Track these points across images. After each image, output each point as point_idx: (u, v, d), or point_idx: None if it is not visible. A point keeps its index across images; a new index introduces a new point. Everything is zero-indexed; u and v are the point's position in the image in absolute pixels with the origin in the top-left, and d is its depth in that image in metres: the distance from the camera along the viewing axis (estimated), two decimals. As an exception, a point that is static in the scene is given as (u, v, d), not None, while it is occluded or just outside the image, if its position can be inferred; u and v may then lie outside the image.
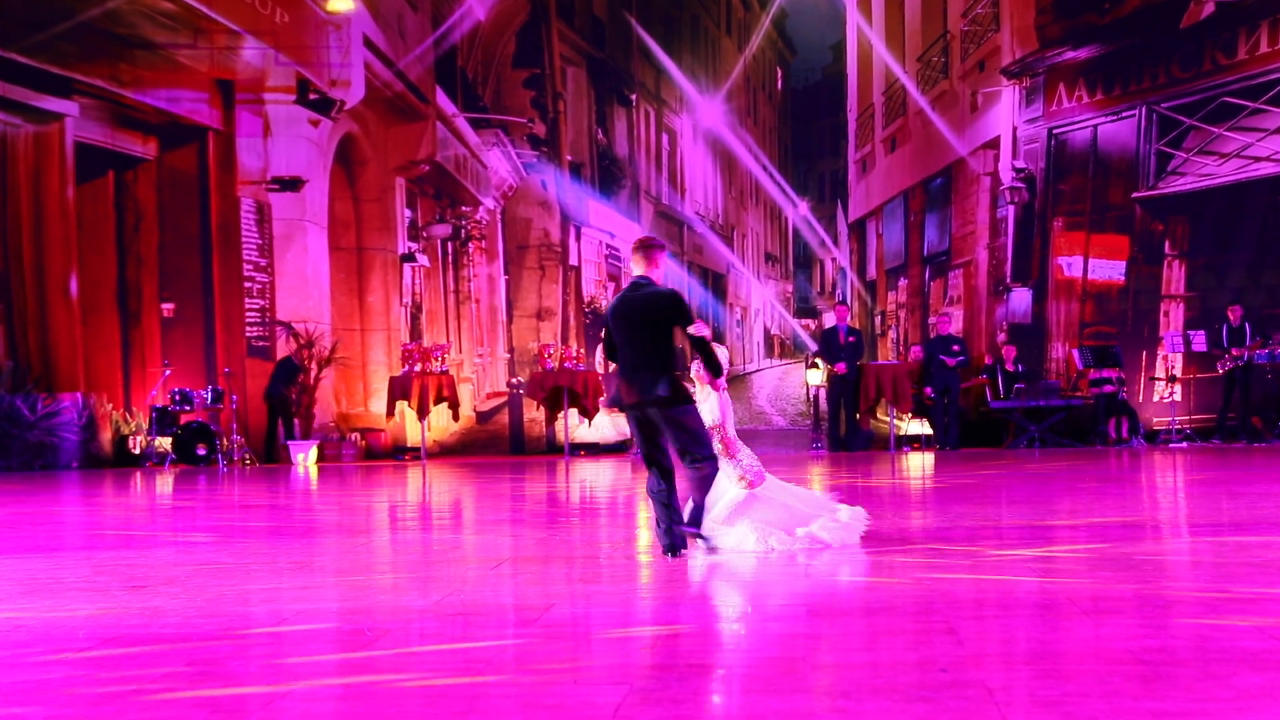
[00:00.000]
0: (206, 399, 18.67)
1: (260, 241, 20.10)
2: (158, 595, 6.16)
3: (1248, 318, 19.10)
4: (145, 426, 19.11)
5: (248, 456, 18.82)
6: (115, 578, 6.80)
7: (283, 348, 19.94)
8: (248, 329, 20.04)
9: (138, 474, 17.33)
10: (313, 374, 19.91)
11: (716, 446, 7.53)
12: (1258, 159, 20.01)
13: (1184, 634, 4.80)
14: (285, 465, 18.86)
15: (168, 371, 19.11)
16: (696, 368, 7.68)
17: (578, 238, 22.51)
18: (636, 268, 7.50)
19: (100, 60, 19.29)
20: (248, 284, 20.00)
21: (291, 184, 20.04)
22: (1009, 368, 19.72)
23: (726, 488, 7.66)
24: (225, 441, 18.54)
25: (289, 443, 19.40)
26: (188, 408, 18.59)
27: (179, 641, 5.01)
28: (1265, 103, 19.78)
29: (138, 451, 19.00)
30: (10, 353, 19.23)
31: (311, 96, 20.05)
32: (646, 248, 7.50)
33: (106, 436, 19.34)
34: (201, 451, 18.44)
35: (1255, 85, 19.85)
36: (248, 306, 20.00)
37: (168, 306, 20.00)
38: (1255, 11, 19.93)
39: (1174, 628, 4.94)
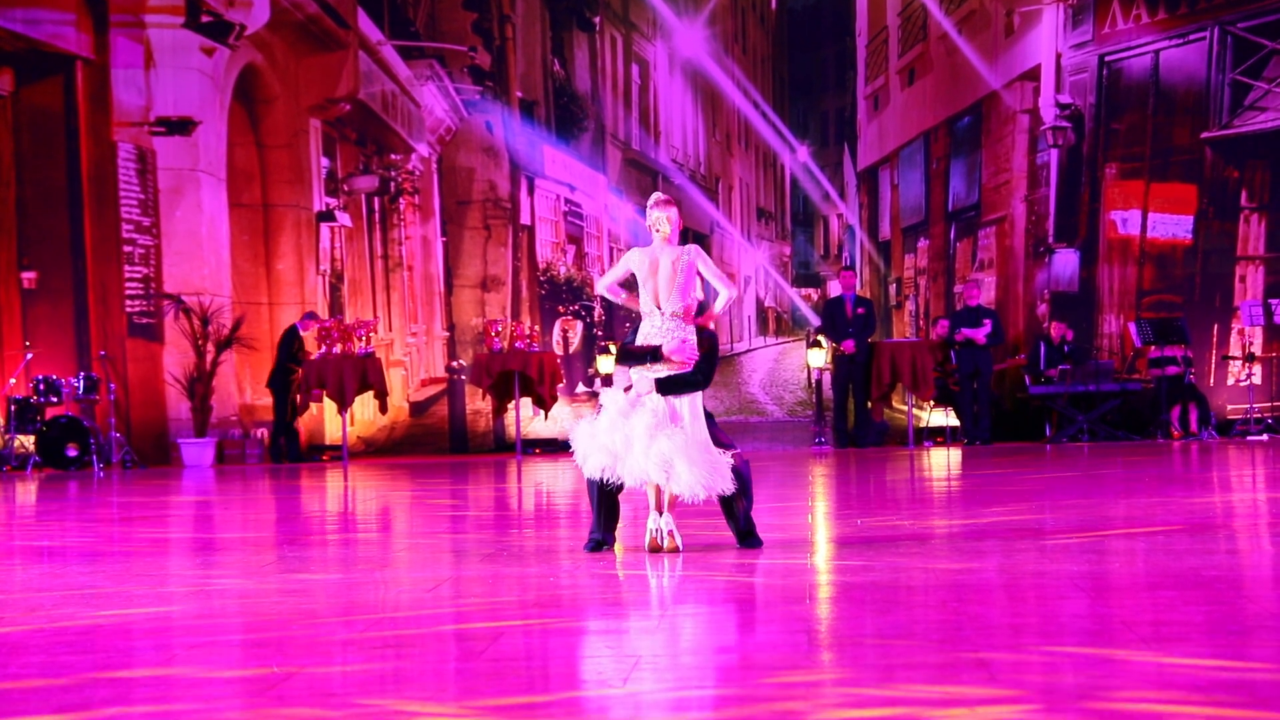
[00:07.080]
0: (78, 388, 18.55)
1: (143, 196, 19.98)
2: (14, 625, 6.11)
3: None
4: (2, 422, 18.96)
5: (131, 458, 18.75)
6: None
7: (170, 325, 19.84)
8: (128, 303, 19.92)
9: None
10: (209, 358, 19.82)
11: None
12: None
13: (1264, 665, 4.80)
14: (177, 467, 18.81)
15: (29, 355, 18.97)
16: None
17: (530, 191, 22.46)
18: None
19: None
20: (128, 248, 19.89)
21: (180, 126, 19.91)
22: (1054, 345, 19.78)
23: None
24: (101, 439, 18.44)
25: (179, 440, 19.34)
26: (54, 399, 18.46)
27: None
28: (1362, 22, 19.88)
29: (-7, 453, 18.88)
30: None
31: (204, 19, 19.92)
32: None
33: (-46, 435, 19.22)
34: (72, 452, 18.33)
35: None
36: (128, 275, 19.89)
37: (29, 276, 19.87)
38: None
39: (1253, 656, 4.93)
